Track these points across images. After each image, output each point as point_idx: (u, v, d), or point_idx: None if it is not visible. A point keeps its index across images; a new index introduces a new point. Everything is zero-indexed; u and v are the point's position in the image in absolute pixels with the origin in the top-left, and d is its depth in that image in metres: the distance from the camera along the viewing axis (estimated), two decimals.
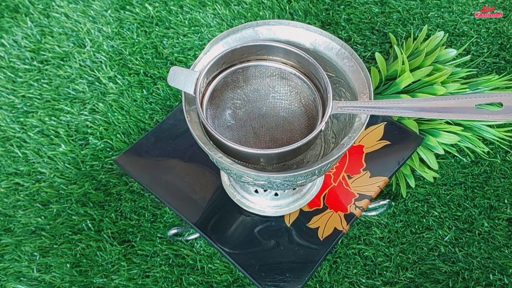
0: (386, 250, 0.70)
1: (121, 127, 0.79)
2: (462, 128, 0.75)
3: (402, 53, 0.75)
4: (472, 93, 0.76)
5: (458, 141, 0.75)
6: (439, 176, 0.76)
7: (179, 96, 0.82)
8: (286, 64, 0.56)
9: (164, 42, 0.89)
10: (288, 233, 0.63)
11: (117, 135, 0.78)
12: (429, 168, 0.76)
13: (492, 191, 0.75)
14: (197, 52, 0.88)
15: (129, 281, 0.65)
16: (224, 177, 0.67)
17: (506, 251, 0.70)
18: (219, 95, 0.58)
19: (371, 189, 0.64)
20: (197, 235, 0.65)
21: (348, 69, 0.53)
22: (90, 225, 0.69)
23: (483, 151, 0.77)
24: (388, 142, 0.68)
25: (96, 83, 0.85)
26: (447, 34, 0.87)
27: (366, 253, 0.70)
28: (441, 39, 0.80)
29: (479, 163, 0.78)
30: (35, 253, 0.68)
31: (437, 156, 0.77)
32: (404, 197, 0.75)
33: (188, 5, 0.94)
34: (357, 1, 0.95)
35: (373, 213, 0.73)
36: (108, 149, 0.77)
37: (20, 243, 0.69)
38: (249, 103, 0.62)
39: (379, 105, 0.46)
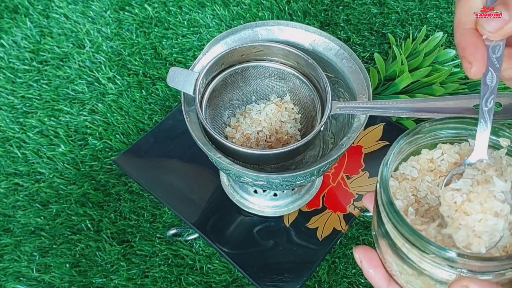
0: None
1: (120, 128, 0.79)
2: None
3: (401, 54, 0.75)
4: (471, 93, 0.76)
5: None
6: None
7: (178, 96, 0.82)
8: (285, 64, 0.56)
9: (163, 42, 0.89)
10: (287, 233, 0.63)
11: (116, 135, 0.78)
12: None
13: None
14: (196, 53, 0.88)
15: (128, 281, 0.65)
16: (223, 177, 0.67)
17: None
18: (218, 95, 0.59)
19: (370, 190, 0.64)
20: (196, 235, 0.65)
21: (347, 69, 0.53)
22: (89, 225, 0.70)
23: None
24: (387, 143, 0.69)
25: (96, 83, 0.85)
26: (446, 34, 0.87)
27: None
28: (440, 40, 0.80)
29: None
30: (35, 253, 0.68)
31: None
32: None
33: (187, 5, 0.94)
34: (356, 1, 0.95)
35: None
36: (107, 149, 0.77)
37: (20, 243, 0.69)
38: (248, 104, 0.62)
39: (378, 106, 0.47)
